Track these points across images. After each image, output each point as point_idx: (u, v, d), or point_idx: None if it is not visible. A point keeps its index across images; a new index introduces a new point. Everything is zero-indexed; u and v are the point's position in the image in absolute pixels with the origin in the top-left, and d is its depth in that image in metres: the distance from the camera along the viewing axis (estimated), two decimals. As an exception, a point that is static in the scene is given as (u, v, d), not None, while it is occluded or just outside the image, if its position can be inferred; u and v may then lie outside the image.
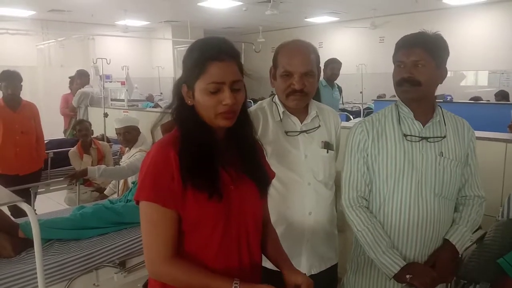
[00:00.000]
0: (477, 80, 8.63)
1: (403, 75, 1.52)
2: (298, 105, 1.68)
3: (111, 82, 6.58)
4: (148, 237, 1.17)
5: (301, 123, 1.72)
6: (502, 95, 6.93)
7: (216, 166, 1.20)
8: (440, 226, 1.58)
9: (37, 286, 1.89)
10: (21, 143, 3.86)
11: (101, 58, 6.06)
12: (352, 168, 1.64)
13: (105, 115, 5.63)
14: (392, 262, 1.52)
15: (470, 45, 8.10)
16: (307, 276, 1.25)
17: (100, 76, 6.21)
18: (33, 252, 1.87)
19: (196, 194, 1.15)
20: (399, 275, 1.51)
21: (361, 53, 9.70)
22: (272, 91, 1.92)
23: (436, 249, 1.60)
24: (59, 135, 6.24)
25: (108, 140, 5.23)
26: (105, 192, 4.09)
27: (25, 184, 3.43)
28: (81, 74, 6.55)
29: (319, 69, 1.74)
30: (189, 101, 1.20)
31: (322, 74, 1.93)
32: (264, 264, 1.37)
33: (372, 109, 7.78)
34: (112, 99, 7.08)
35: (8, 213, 2.78)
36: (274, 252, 1.35)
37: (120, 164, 3.67)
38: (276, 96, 1.75)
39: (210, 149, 1.19)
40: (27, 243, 2.29)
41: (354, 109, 8.33)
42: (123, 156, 3.91)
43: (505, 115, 4.33)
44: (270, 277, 1.21)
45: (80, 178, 3.53)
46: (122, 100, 6.96)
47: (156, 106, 7.67)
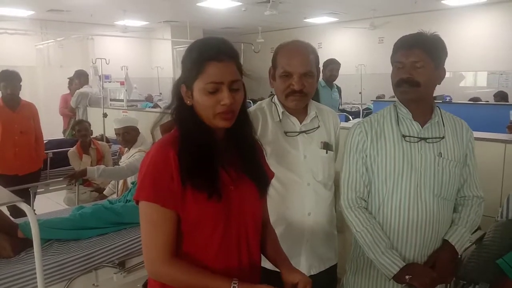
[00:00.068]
0: (476, 81, 8.63)
1: (402, 76, 1.52)
2: (298, 105, 1.68)
3: (110, 82, 6.58)
4: (147, 237, 1.17)
5: (301, 124, 1.72)
6: (501, 96, 6.94)
7: (215, 166, 1.20)
8: (439, 226, 1.58)
9: (37, 286, 1.89)
10: (20, 143, 3.86)
11: (100, 58, 6.07)
12: (351, 169, 1.64)
13: (104, 115, 5.64)
14: (392, 262, 1.52)
15: (469, 46, 8.10)
16: (304, 274, 1.25)
17: (99, 76, 6.22)
18: (33, 252, 1.87)
19: (195, 194, 1.15)
20: (398, 275, 1.51)
21: (360, 53, 9.70)
22: (271, 92, 1.92)
23: (435, 249, 1.60)
24: (58, 135, 6.25)
25: (108, 140, 5.24)
26: (105, 192, 4.09)
27: (24, 184, 3.43)
28: (80, 74, 6.55)
29: (319, 69, 1.74)
30: (188, 101, 1.21)
31: (321, 74, 1.93)
32: (263, 264, 1.37)
33: (371, 109, 7.78)
34: (111, 99, 7.08)
35: (7, 213, 2.78)
36: (273, 252, 1.35)
37: (119, 164, 3.68)
38: (276, 96, 1.75)
39: (209, 149, 1.19)
40: (27, 243, 2.29)
41: (353, 109, 8.34)
42: (122, 156, 3.91)
43: (504, 115, 4.33)
44: (269, 277, 1.21)
45: (79, 178, 3.53)
46: (121, 100, 6.96)
47: (156, 106, 7.68)
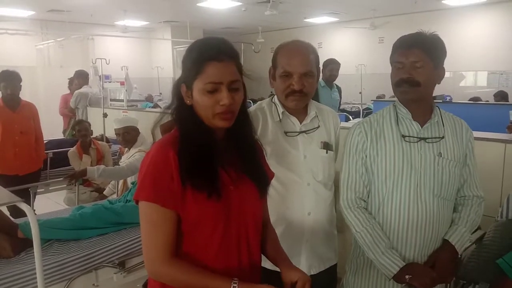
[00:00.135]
0: (476, 81, 8.63)
1: (402, 75, 1.52)
2: (298, 105, 1.68)
3: (110, 82, 6.58)
4: (147, 237, 1.17)
5: (301, 124, 1.72)
6: (501, 95, 6.94)
7: (215, 167, 1.20)
8: (439, 226, 1.58)
9: (37, 286, 1.89)
10: (20, 143, 3.86)
11: (101, 58, 6.07)
12: (351, 169, 1.64)
13: (105, 115, 5.64)
14: (391, 262, 1.52)
15: (469, 46, 8.10)
16: (304, 272, 1.25)
17: (100, 76, 6.22)
18: (33, 252, 1.87)
19: (195, 193, 1.15)
20: (398, 275, 1.51)
21: (360, 53, 9.70)
22: (271, 92, 1.92)
23: (435, 249, 1.60)
24: (58, 135, 6.25)
25: (108, 140, 5.24)
26: (105, 193, 4.09)
27: (25, 184, 3.43)
28: (80, 75, 6.55)
29: (319, 69, 1.74)
30: (188, 101, 1.21)
31: (321, 74, 1.93)
32: (264, 264, 1.37)
33: (371, 109, 7.79)
34: (111, 99, 7.08)
35: (7, 213, 2.78)
36: (273, 251, 1.35)
37: (119, 164, 3.68)
38: (276, 96, 1.75)
39: (209, 149, 1.19)
40: (27, 243, 2.29)
41: (354, 109, 8.34)
42: (122, 157, 3.91)
43: (504, 115, 4.32)
44: (269, 277, 1.21)
45: (79, 178, 3.53)
46: (122, 100, 6.96)
47: (156, 106, 7.68)
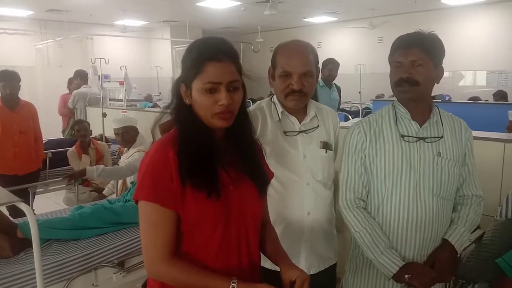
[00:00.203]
0: (476, 80, 8.64)
1: (401, 75, 1.52)
2: (297, 105, 1.68)
3: (109, 82, 6.58)
4: (147, 237, 1.17)
5: (300, 123, 1.72)
6: (501, 95, 6.94)
7: (215, 167, 1.19)
8: (438, 226, 1.58)
9: (36, 286, 1.89)
10: (19, 143, 3.86)
11: (100, 58, 6.07)
12: (350, 169, 1.64)
13: (104, 115, 5.64)
14: (391, 262, 1.52)
15: (469, 45, 8.11)
16: (303, 270, 1.25)
17: (99, 76, 6.22)
18: (32, 252, 1.87)
19: (195, 193, 1.15)
20: (398, 275, 1.51)
21: (359, 53, 9.71)
22: (270, 91, 1.92)
23: (435, 249, 1.60)
24: (57, 135, 6.24)
25: (107, 140, 5.24)
26: (104, 192, 4.09)
27: (24, 184, 3.43)
28: (79, 74, 6.55)
29: (318, 69, 1.74)
30: (187, 100, 1.21)
31: (320, 74, 1.93)
32: (263, 264, 1.37)
33: (370, 109, 7.79)
34: (110, 99, 7.08)
35: (6, 213, 2.78)
36: (273, 250, 1.35)
37: (118, 164, 3.67)
38: (275, 96, 1.75)
39: (209, 149, 1.19)
40: (26, 243, 2.29)
41: (353, 109, 8.35)
42: (121, 156, 3.91)
43: (503, 115, 4.33)
44: (269, 277, 1.21)
45: (78, 178, 3.52)
46: (121, 100, 6.96)
47: (155, 106, 7.68)
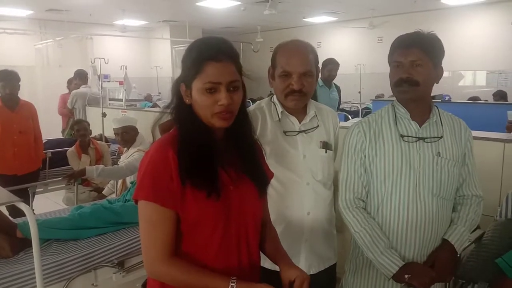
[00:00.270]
0: (475, 80, 8.64)
1: (401, 75, 1.52)
2: (297, 105, 1.68)
3: (109, 81, 6.58)
4: (146, 237, 1.17)
5: (300, 123, 1.72)
6: (500, 95, 6.94)
7: (215, 167, 1.19)
8: (438, 226, 1.58)
9: (36, 286, 1.89)
10: (19, 143, 3.86)
11: (99, 58, 6.07)
12: (349, 169, 1.64)
13: (103, 115, 5.64)
14: (391, 262, 1.52)
15: (468, 45, 8.11)
16: (302, 270, 1.25)
17: (98, 76, 6.21)
18: (31, 252, 1.87)
19: (195, 193, 1.15)
20: (397, 275, 1.51)
21: (359, 53, 9.71)
22: (270, 91, 1.91)
23: (434, 249, 1.60)
24: (57, 135, 6.24)
25: (106, 140, 5.24)
26: (104, 192, 4.08)
27: (23, 184, 3.43)
28: (78, 75, 6.55)
29: (318, 69, 1.74)
30: (187, 100, 1.21)
31: (319, 74, 1.93)
32: (263, 264, 1.37)
33: (370, 109, 7.80)
34: (110, 99, 7.08)
35: (6, 213, 2.78)
36: (273, 250, 1.35)
37: (118, 164, 3.67)
38: (275, 96, 1.74)
39: (208, 149, 1.19)
40: (25, 243, 2.29)
41: (353, 109, 8.35)
42: (121, 156, 3.91)
43: (503, 115, 4.32)
44: (269, 277, 1.21)
45: (78, 178, 3.52)
46: (120, 100, 6.96)
47: (155, 106, 7.68)
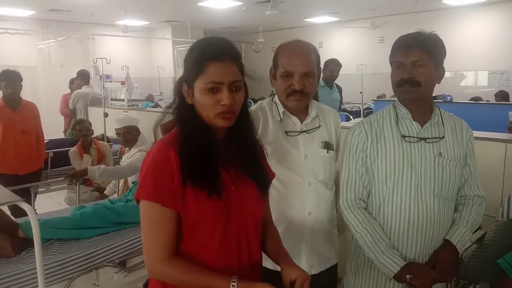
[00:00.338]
0: (477, 81, 8.63)
1: (403, 75, 1.51)
2: (298, 105, 1.68)
3: (111, 82, 6.59)
4: (148, 237, 1.17)
5: (301, 123, 1.72)
6: (502, 95, 6.94)
7: (216, 167, 1.20)
8: (440, 226, 1.58)
9: (37, 285, 1.89)
10: (21, 143, 3.86)
11: (101, 58, 6.07)
12: (350, 170, 1.64)
13: (105, 115, 5.64)
14: (392, 262, 1.52)
15: (470, 46, 8.10)
16: (303, 270, 1.24)
17: (100, 76, 6.23)
18: (33, 252, 1.87)
19: (196, 193, 1.15)
20: (399, 275, 1.50)
21: (361, 53, 9.70)
22: (272, 91, 1.91)
23: (436, 249, 1.59)
24: (59, 135, 6.25)
25: (108, 140, 5.24)
26: (105, 192, 4.09)
27: (25, 184, 3.43)
28: (80, 75, 6.55)
29: (319, 69, 1.74)
30: (189, 100, 1.21)
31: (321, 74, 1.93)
32: (265, 264, 1.37)
33: (372, 109, 7.78)
34: (112, 99, 7.09)
35: (8, 212, 2.79)
36: (274, 249, 1.35)
37: (120, 164, 3.68)
38: (276, 96, 1.75)
39: (210, 149, 1.19)
40: (27, 243, 2.30)
41: (354, 109, 8.34)
42: (123, 156, 3.91)
43: (505, 115, 4.31)
44: (270, 277, 1.21)
45: (80, 177, 3.53)
46: (122, 100, 6.97)
47: (156, 106, 7.68)
